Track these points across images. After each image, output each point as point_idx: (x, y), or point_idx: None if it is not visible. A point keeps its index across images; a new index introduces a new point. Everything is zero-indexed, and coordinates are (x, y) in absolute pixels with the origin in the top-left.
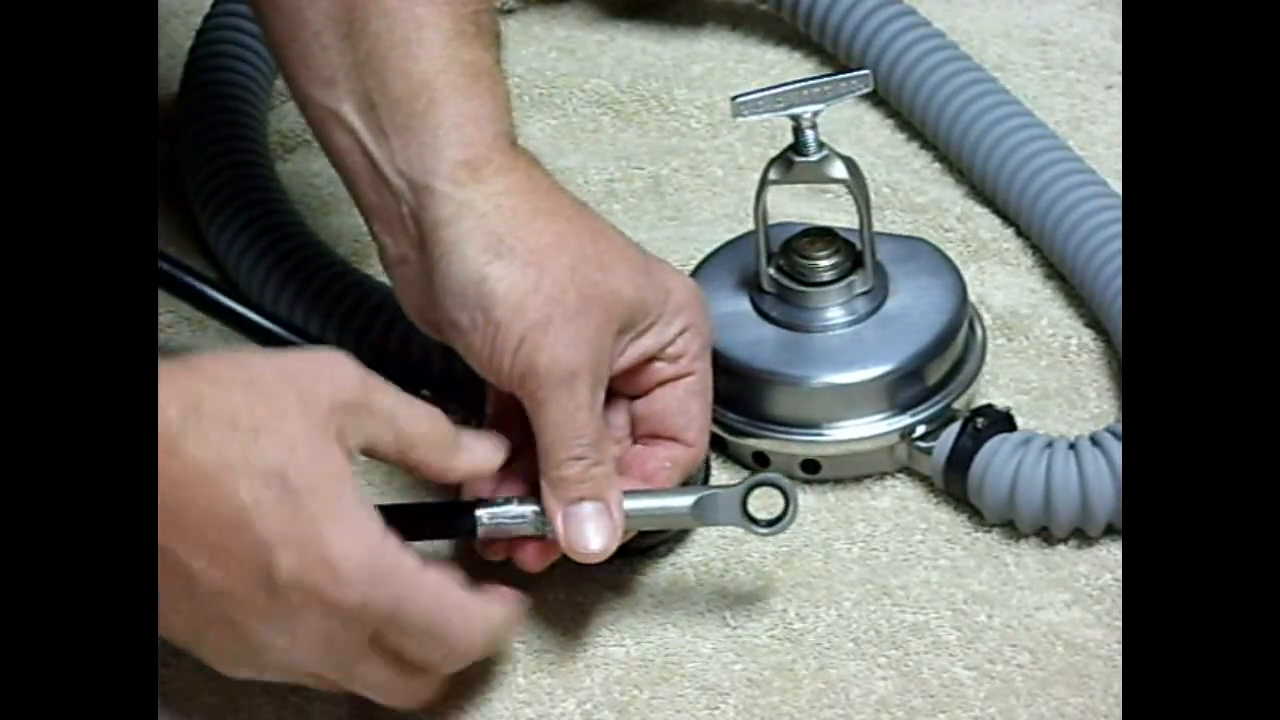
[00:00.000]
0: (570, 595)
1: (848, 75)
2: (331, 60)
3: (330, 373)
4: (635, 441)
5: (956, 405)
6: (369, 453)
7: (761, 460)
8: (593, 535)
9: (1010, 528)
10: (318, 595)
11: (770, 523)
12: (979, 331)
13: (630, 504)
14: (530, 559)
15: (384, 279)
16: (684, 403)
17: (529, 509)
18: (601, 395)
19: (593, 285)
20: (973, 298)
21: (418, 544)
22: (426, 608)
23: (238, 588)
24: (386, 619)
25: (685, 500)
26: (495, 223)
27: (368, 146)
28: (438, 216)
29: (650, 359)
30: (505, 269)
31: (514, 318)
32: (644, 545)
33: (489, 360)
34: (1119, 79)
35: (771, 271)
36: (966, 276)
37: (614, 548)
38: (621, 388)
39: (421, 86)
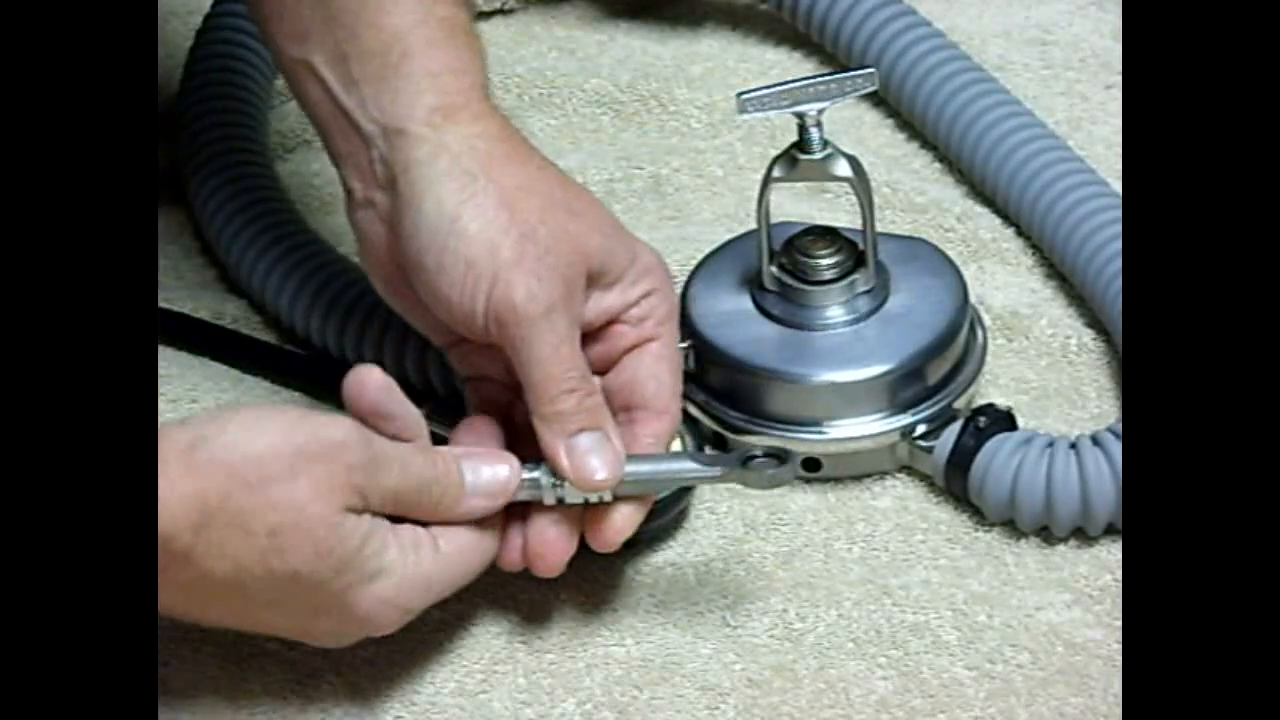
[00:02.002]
0: (570, 595)
1: (853, 74)
2: (304, 14)
3: (337, 444)
4: None
5: (957, 405)
6: (380, 509)
7: None
8: (598, 465)
9: (1011, 527)
10: (359, 632)
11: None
12: (979, 331)
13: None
14: (551, 558)
15: None
16: (653, 369)
17: (537, 473)
18: (579, 334)
19: (563, 227)
20: (973, 298)
21: None
22: (456, 580)
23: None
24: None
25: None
26: (469, 163)
27: (338, 96)
28: (411, 157)
29: (614, 320)
30: (478, 209)
31: (487, 256)
32: (651, 530)
33: (459, 302)
34: (1119, 79)
35: (773, 270)
36: (966, 276)
37: (619, 477)
38: (590, 359)
39: (394, 39)
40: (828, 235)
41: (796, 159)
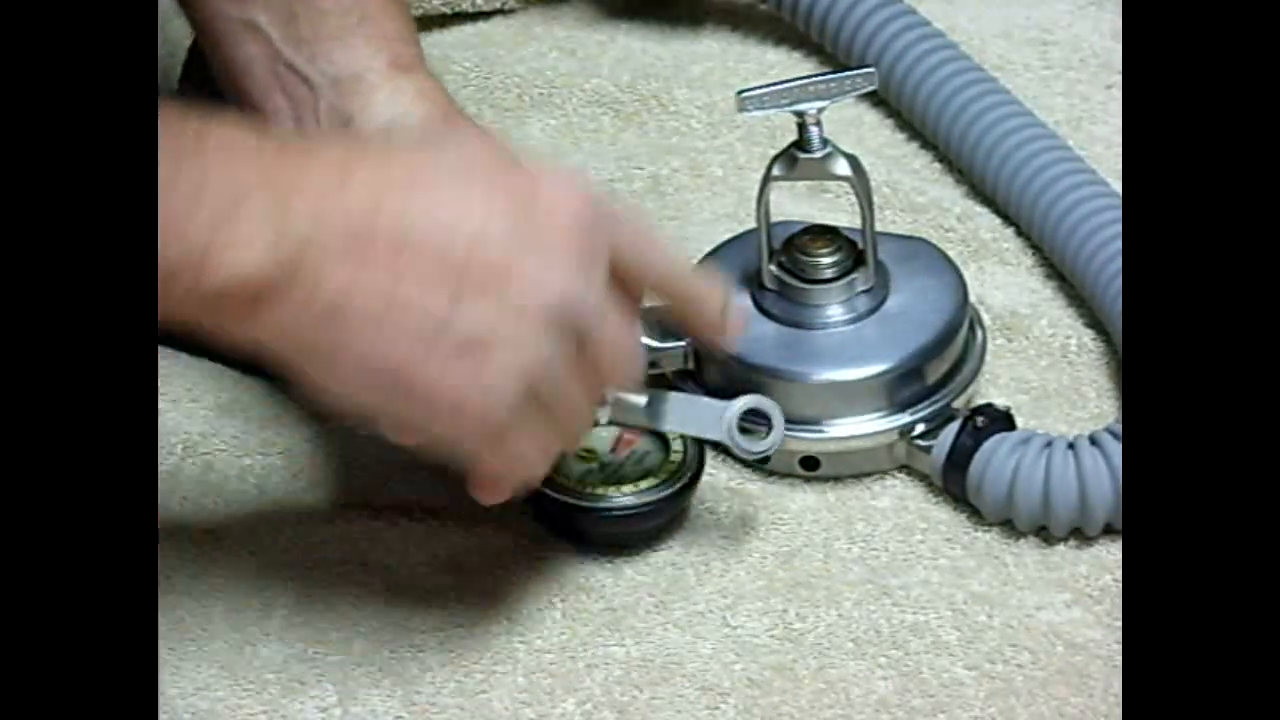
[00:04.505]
0: (570, 595)
1: (852, 73)
2: None
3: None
4: None
5: (956, 404)
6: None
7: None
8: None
9: (1010, 527)
10: (563, 205)
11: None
12: (979, 331)
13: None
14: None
15: None
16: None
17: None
18: None
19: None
20: (972, 298)
21: None
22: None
23: (492, 224)
24: (615, 247)
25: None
26: (427, 107)
27: (283, 51)
28: (370, 99)
29: None
30: (449, 136)
31: None
32: (651, 529)
33: None
34: (1119, 79)
35: (773, 268)
36: (966, 276)
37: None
38: None
39: (353, 4)
40: (827, 234)
41: (796, 158)
